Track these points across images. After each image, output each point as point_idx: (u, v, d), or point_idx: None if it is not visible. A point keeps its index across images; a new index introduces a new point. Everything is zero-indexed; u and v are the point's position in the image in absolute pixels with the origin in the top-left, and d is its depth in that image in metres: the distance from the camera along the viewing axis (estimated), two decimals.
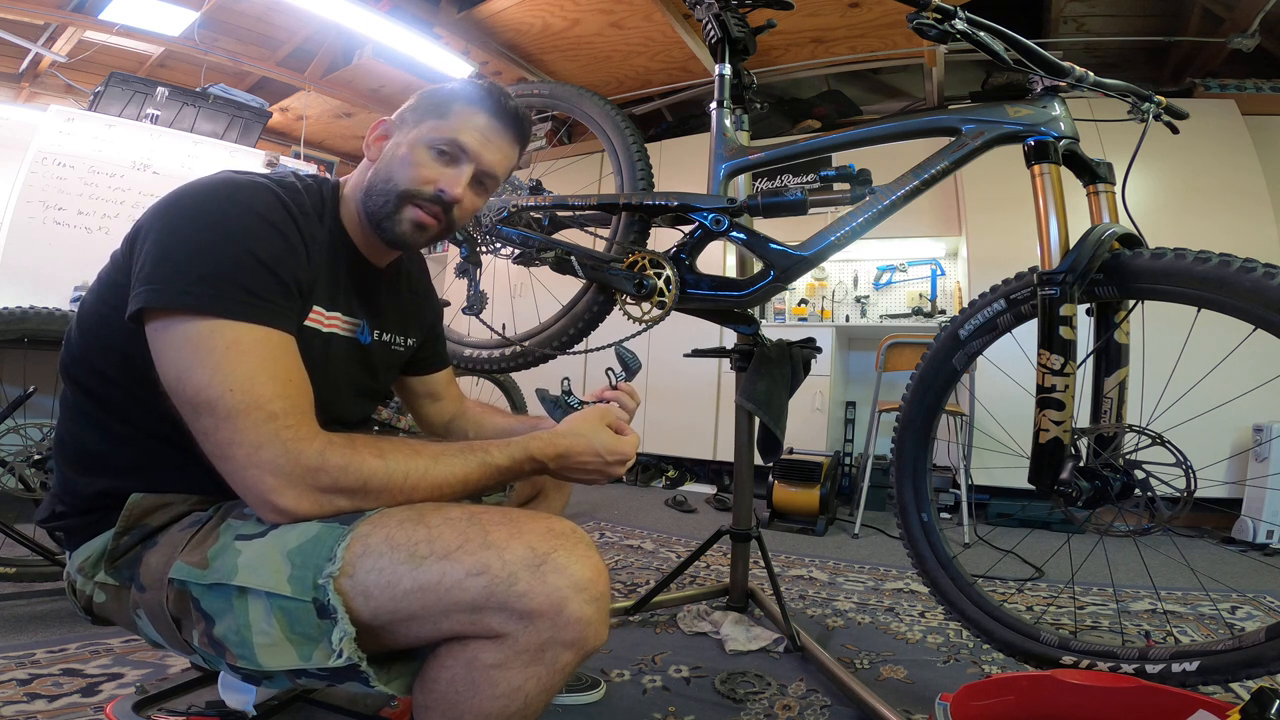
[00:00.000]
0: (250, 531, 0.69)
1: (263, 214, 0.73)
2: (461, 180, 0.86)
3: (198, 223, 0.70)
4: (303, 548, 0.66)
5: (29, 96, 4.18)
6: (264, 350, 0.68)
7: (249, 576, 0.65)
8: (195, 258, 0.68)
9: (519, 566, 0.64)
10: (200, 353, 0.65)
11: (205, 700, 0.98)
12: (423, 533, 0.66)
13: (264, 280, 0.70)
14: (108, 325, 0.74)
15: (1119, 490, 1.02)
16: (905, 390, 1.34)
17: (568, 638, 0.64)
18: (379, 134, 0.89)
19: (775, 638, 1.53)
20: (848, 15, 3.30)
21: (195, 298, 0.66)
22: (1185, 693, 0.92)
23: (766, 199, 1.26)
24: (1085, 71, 1.10)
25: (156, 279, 0.67)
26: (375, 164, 0.87)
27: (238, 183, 0.75)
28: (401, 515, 0.68)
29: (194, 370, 0.65)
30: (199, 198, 0.72)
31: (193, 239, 0.69)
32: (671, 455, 4.05)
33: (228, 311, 0.67)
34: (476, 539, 0.65)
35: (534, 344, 1.49)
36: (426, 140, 0.85)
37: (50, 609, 1.55)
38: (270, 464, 0.65)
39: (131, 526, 0.73)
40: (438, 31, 3.54)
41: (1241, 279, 0.89)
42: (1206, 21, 3.25)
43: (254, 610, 0.65)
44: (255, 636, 0.65)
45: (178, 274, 0.67)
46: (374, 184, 0.86)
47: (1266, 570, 2.30)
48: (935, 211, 3.62)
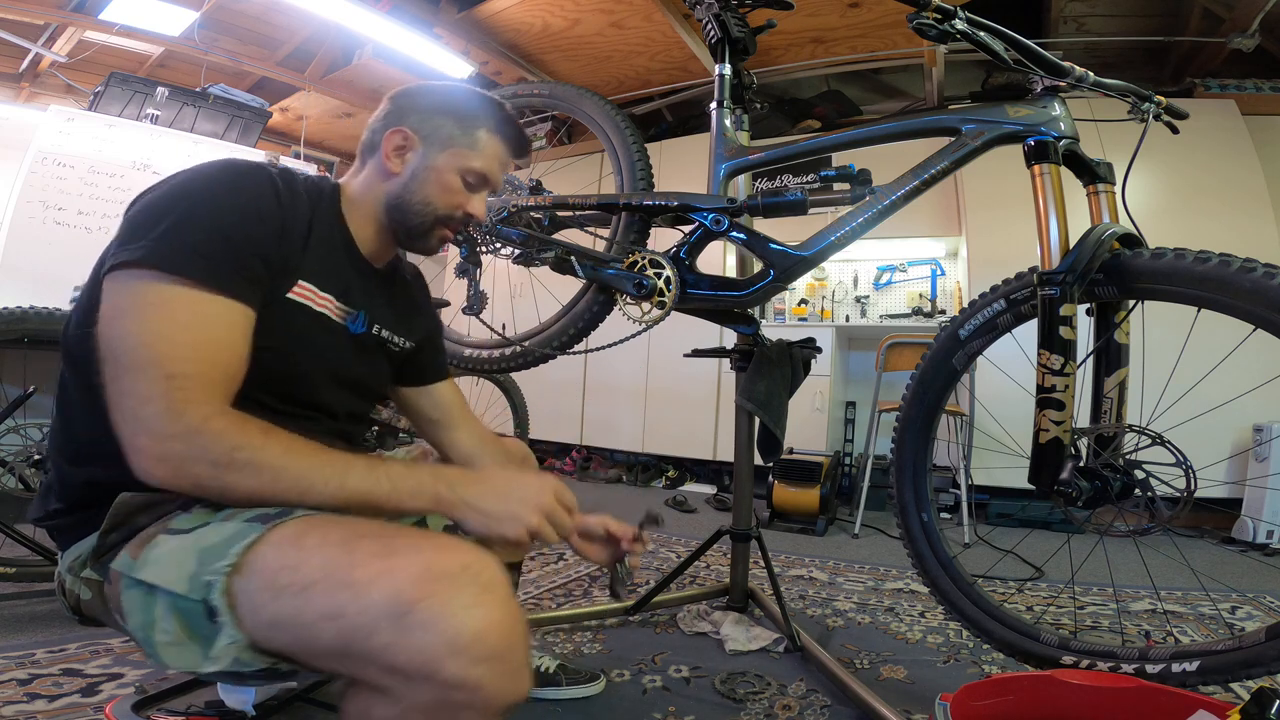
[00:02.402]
0: (181, 526, 0.67)
1: (242, 187, 0.74)
2: (483, 203, 0.94)
3: (173, 193, 0.71)
4: (213, 545, 0.63)
5: (29, 96, 4.17)
6: (194, 314, 0.66)
7: (154, 572, 0.64)
8: (158, 220, 0.68)
9: (379, 616, 0.55)
10: (131, 303, 0.65)
11: (205, 700, 0.98)
12: (291, 557, 0.60)
13: (219, 246, 0.69)
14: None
15: (1119, 490, 1.02)
16: (905, 390, 1.34)
17: (460, 701, 0.55)
18: (398, 144, 0.88)
19: (775, 638, 1.53)
20: (848, 15, 3.30)
21: (144, 251, 0.66)
22: (1185, 693, 0.92)
23: (766, 199, 1.26)
24: (1085, 71, 1.10)
25: (120, 240, 0.69)
26: (400, 178, 0.89)
27: (231, 161, 0.76)
28: (288, 531, 0.63)
29: (119, 319, 0.65)
30: (188, 173, 0.73)
31: (163, 206, 0.70)
32: (671, 455, 4.05)
33: (172, 268, 0.66)
34: (339, 574, 0.57)
35: (534, 344, 1.49)
36: (458, 168, 0.89)
37: (50, 609, 1.55)
38: (149, 420, 0.63)
39: (118, 524, 0.72)
40: (438, 31, 3.54)
41: (1241, 279, 0.89)
42: (1206, 21, 3.25)
43: (159, 607, 0.63)
44: (157, 635, 0.63)
45: (137, 234, 0.68)
46: (406, 202, 0.89)
47: (1266, 570, 2.30)
48: (935, 211, 3.62)
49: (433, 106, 0.90)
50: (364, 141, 0.92)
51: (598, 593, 1.94)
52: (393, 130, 0.88)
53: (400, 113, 0.90)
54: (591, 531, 0.93)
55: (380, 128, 0.90)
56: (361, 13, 3.21)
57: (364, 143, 0.92)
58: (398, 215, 0.89)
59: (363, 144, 0.93)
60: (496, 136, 0.92)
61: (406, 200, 0.89)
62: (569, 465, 4.29)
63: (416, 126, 0.88)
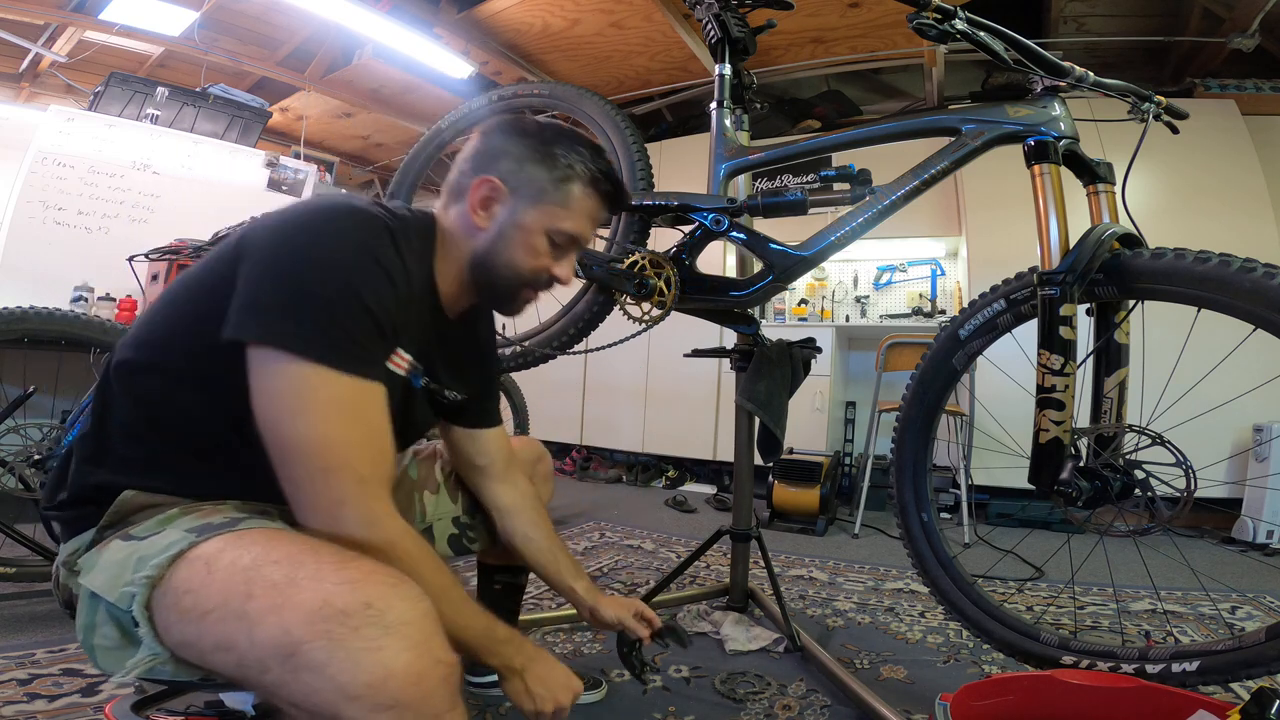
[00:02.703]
0: (137, 533, 0.67)
1: (374, 252, 0.71)
2: (572, 266, 0.89)
3: (310, 255, 0.68)
4: (145, 555, 0.62)
5: (29, 96, 4.17)
6: (362, 407, 0.69)
7: (91, 577, 0.64)
8: (306, 296, 0.66)
9: (267, 653, 0.52)
10: (304, 401, 0.65)
11: (204, 700, 0.98)
12: (199, 578, 0.58)
13: (367, 328, 0.70)
14: (192, 331, 0.72)
15: (1119, 490, 1.02)
16: (905, 390, 1.34)
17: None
18: (486, 195, 0.83)
19: (775, 638, 1.53)
20: (848, 15, 3.30)
21: (303, 341, 0.65)
22: (1185, 693, 0.92)
23: (766, 199, 1.26)
24: (1085, 71, 1.10)
25: (264, 310, 0.66)
26: (485, 234, 0.84)
27: (353, 212, 0.73)
28: (206, 550, 0.61)
29: (296, 419, 0.65)
30: (314, 226, 0.70)
31: (304, 273, 0.67)
32: (671, 455, 4.05)
33: (333, 361, 0.66)
34: (235, 602, 0.55)
35: (534, 344, 1.49)
36: (548, 228, 0.84)
37: (50, 609, 1.55)
38: (350, 523, 0.65)
39: (115, 521, 0.71)
40: (438, 31, 3.54)
41: (1241, 279, 0.89)
42: (1206, 21, 3.25)
43: (101, 611, 0.63)
44: (97, 639, 0.63)
45: (287, 311, 0.66)
46: (492, 261, 0.85)
47: (1266, 570, 2.30)
48: (935, 211, 3.62)
49: (525, 152, 0.84)
50: (453, 181, 0.87)
51: None
52: (481, 179, 0.83)
53: (490, 156, 0.84)
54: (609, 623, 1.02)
55: (469, 170, 0.85)
56: (361, 13, 3.21)
57: (453, 182, 0.87)
58: (482, 275, 0.85)
59: (451, 183, 0.87)
60: (591, 190, 0.86)
61: (491, 261, 0.84)
62: (569, 465, 4.29)
63: (506, 175, 0.83)
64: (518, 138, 0.85)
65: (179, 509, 0.71)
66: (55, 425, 1.66)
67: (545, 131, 0.86)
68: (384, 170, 5.72)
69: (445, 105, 4.08)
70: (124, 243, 2.54)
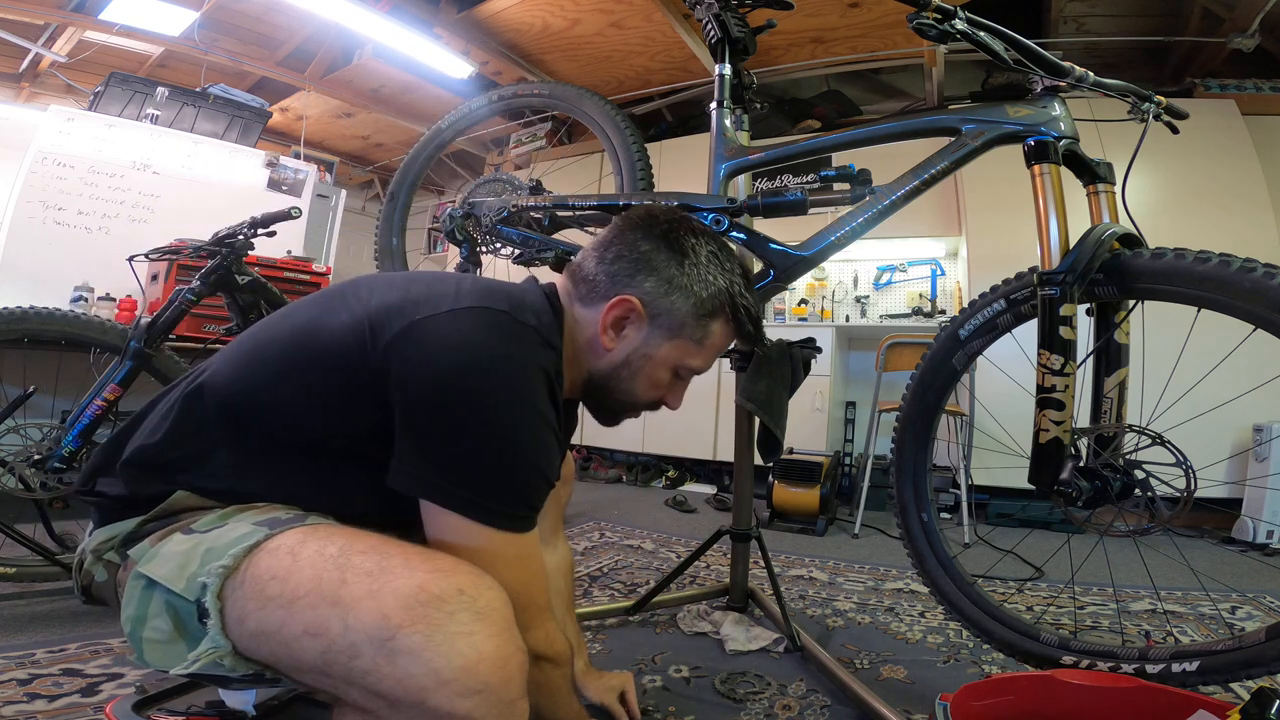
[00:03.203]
0: (199, 527, 0.66)
1: (543, 417, 0.70)
2: (683, 393, 0.87)
3: (485, 421, 0.66)
4: (216, 547, 0.62)
5: (29, 96, 4.18)
6: (533, 555, 0.72)
7: (156, 567, 0.63)
8: (488, 468, 0.67)
9: (362, 637, 0.53)
10: (493, 562, 0.65)
11: (205, 700, 0.98)
12: (284, 565, 0.58)
13: (542, 494, 0.72)
14: (323, 424, 0.71)
15: (1119, 490, 1.02)
16: (905, 390, 1.34)
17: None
18: (622, 315, 0.78)
19: (775, 638, 1.53)
20: (848, 15, 3.30)
21: (490, 515, 0.67)
22: (1185, 693, 0.92)
23: (767, 199, 1.25)
24: (1085, 71, 1.10)
25: (447, 477, 0.66)
26: (611, 356, 0.80)
27: (516, 365, 0.69)
28: (288, 540, 0.62)
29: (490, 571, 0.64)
30: (481, 381, 0.66)
31: (482, 443, 0.66)
32: (671, 455, 4.05)
33: (517, 527, 0.69)
34: (328, 589, 0.55)
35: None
36: (675, 362, 0.81)
37: (50, 609, 1.55)
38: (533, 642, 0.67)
39: (161, 516, 0.70)
40: (438, 31, 3.55)
41: (1242, 279, 0.89)
42: (1206, 21, 3.25)
43: (155, 603, 0.62)
44: (147, 631, 0.62)
45: (473, 484, 0.66)
46: (612, 386, 0.82)
47: (1266, 570, 2.30)
48: (935, 211, 3.62)
49: (675, 273, 0.78)
50: (585, 276, 0.81)
51: (597, 592, 1.94)
52: (620, 299, 0.77)
53: (636, 268, 0.78)
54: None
55: (607, 277, 0.79)
56: (361, 13, 3.22)
57: (586, 278, 0.81)
58: (596, 393, 0.84)
59: (584, 278, 0.81)
60: (730, 327, 0.82)
61: (610, 386, 0.82)
62: None
63: (648, 298, 0.77)
64: (668, 252, 0.78)
65: (234, 506, 0.70)
66: (55, 425, 1.66)
67: (700, 246, 0.79)
68: (384, 170, 5.72)
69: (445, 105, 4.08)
70: (124, 243, 2.53)
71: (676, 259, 0.78)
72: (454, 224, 1.48)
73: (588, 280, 0.80)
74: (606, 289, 0.78)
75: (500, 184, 1.56)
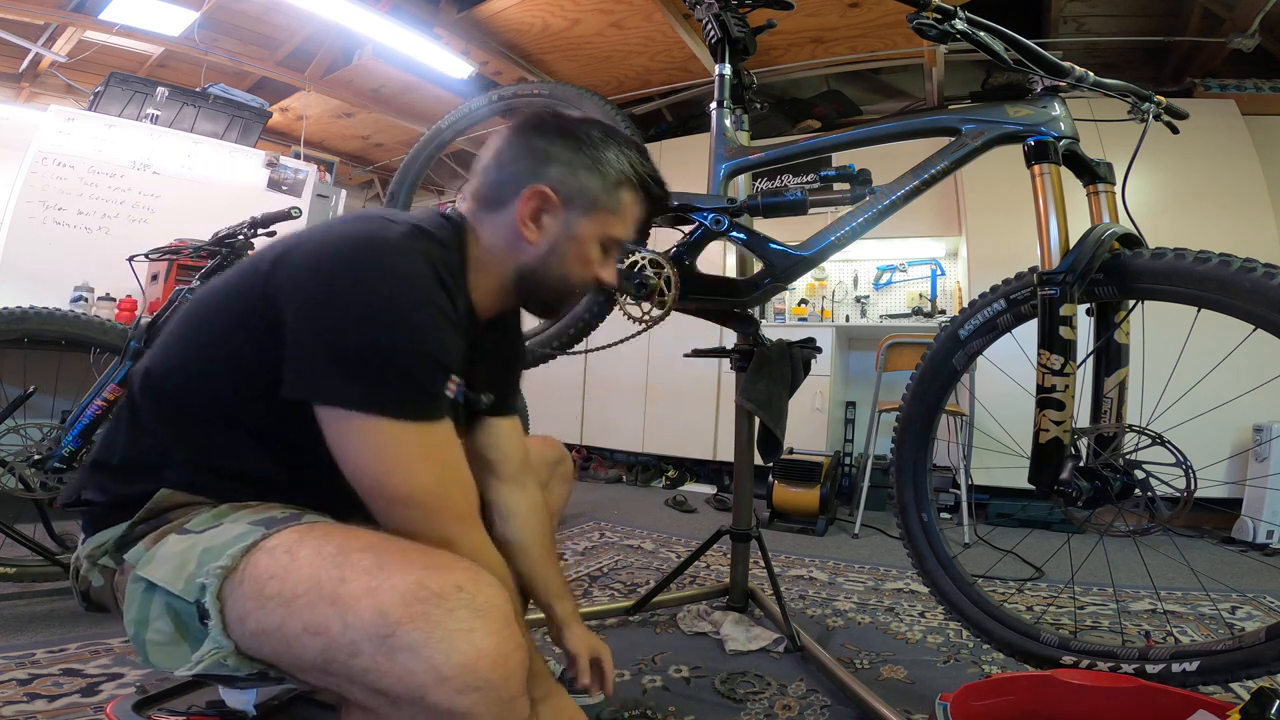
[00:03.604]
0: (194, 527, 0.67)
1: (431, 295, 0.69)
2: (615, 267, 0.89)
3: (369, 305, 0.66)
4: (213, 547, 0.62)
5: (29, 96, 4.17)
6: (444, 449, 0.71)
7: (155, 569, 0.63)
8: (374, 354, 0.65)
9: (361, 635, 0.53)
10: (397, 459, 0.66)
11: (205, 700, 0.98)
12: (282, 564, 0.59)
13: (437, 374, 0.70)
14: (230, 370, 0.71)
15: (1119, 490, 1.02)
16: (905, 390, 1.34)
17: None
18: (537, 205, 0.80)
19: (775, 638, 1.53)
20: (848, 15, 3.30)
21: (380, 402, 0.65)
22: (1185, 693, 0.93)
23: (767, 199, 1.26)
24: (1085, 71, 1.10)
25: (332, 371, 0.65)
26: (536, 248, 0.81)
27: (399, 248, 0.69)
28: (285, 538, 0.62)
29: (390, 475, 0.66)
30: (362, 265, 0.67)
31: (366, 329, 0.65)
32: (671, 455, 4.05)
33: (413, 414, 0.67)
34: (327, 586, 0.56)
35: (534, 344, 1.49)
36: (599, 236, 0.83)
37: (50, 609, 1.55)
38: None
39: (149, 518, 0.71)
40: (438, 31, 3.54)
41: (1242, 279, 0.89)
42: (1206, 21, 3.25)
43: (155, 606, 0.63)
44: (149, 634, 0.63)
45: (357, 372, 0.64)
46: (542, 276, 0.83)
47: (1266, 570, 2.30)
48: (935, 211, 3.62)
49: (574, 156, 0.80)
50: (488, 184, 0.82)
51: (597, 592, 1.94)
52: (532, 190, 0.79)
53: (535, 161, 0.80)
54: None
55: (512, 178, 0.80)
56: (361, 13, 3.21)
57: (488, 186, 0.82)
58: (528, 288, 0.84)
59: (486, 187, 0.82)
60: (640, 194, 0.85)
61: (543, 275, 0.82)
62: None
63: (559, 184, 0.80)
64: (562, 140, 0.81)
65: (228, 505, 0.71)
66: (55, 425, 1.66)
67: (591, 132, 0.82)
68: (384, 170, 5.72)
69: (445, 105, 4.08)
70: (124, 243, 2.53)
71: (572, 144, 0.81)
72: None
73: (491, 188, 0.82)
74: (515, 188, 0.80)
75: None
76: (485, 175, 0.83)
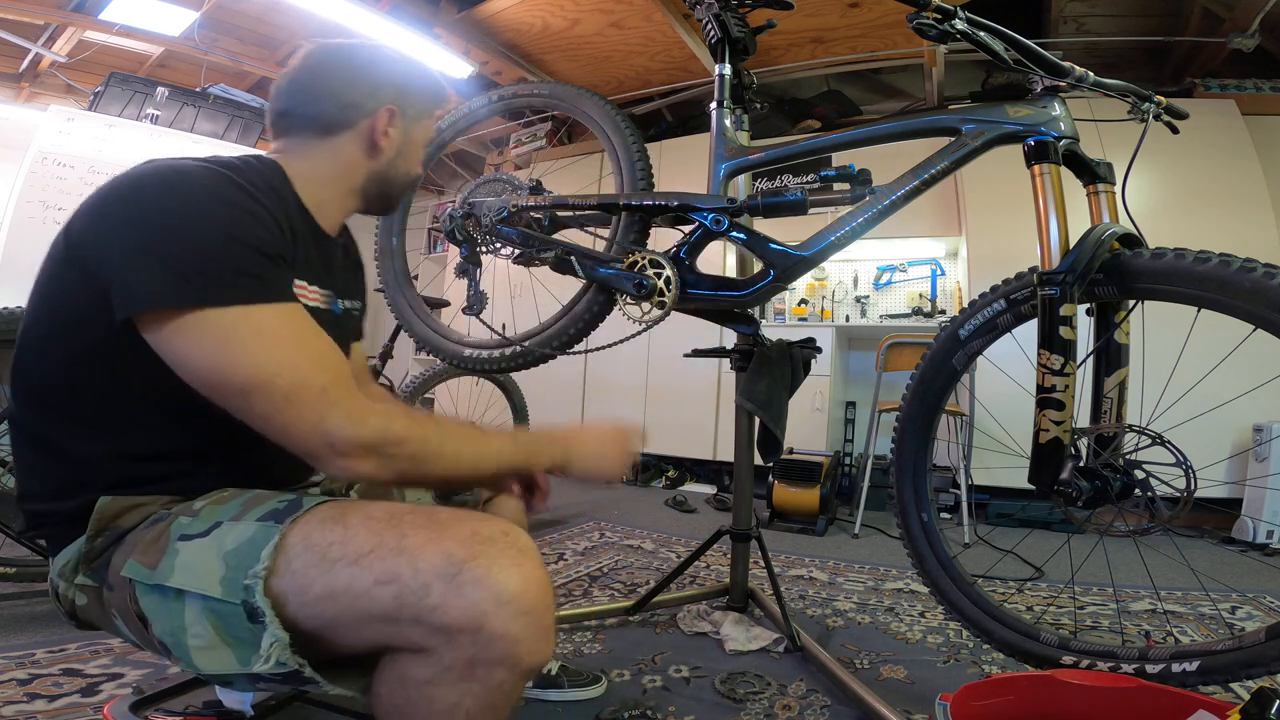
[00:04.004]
0: (192, 531, 0.68)
1: (224, 197, 0.71)
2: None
3: (166, 215, 0.67)
4: (239, 549, 0.65)
5: (29, 96, 4.17)
6: (288, 327, 0.70)
7: (184, 578, 0.64)
8: (183, 251, 0.66)
9: (432, 576, 0.59)
10: (232, 345, 0.66)
11: (203, 700, 0.98)
12: (338, 533, 0.64)
13: (255, 259, 0.69)
14: (75, 336, 0.71)
15: (1119, 490, 1.02)
16: (905, 390, 1.34)
17: (495, 655, 0.59)
18: (387, 121, 0.89)
19: (775, 638, 1.53)
20: (848, 15, 3.30)
21: (201, 291, 0.65)
22: (1185, 693, 0.92)
23: (767, 199, 1.25)
24: (1085, 71, 1.10)
25: (149, 279, 0.65)
26: (386, 155, 0.91)
27: (183, 170, 0.71)
28: (324, 514, 0.66)
29: (233, 363, 0.66)
30: (152, 190, 0.69)
31: (168, 232, 0.66)
32: (671, 455, 4.04)
33: (239, 298, 0.67)
34: (390, 543, 0.62)
35: (534, 344, 1.49)
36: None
37: (50, 609, 1.54)
38: (341, 432, 0.67)
39: (104, 529, 0.72)
40: (438, 31, 3.54)
41: (1242, 279, 0.89)
42: (1206, 21, 3.25)
43: (189, 612, 0.64)
44: (190, 639, 0.64)
45: (171, 270, 0.65)
46: (392, 176, 0.93)
47: (1266, 570, 2.30)
48: (935, 212, 3.62)
49: (402, 82, 0.92)
50: (320, 114, 0.87)
51: (597, 592, 1.94)
52: (385, 109, 0.89)
53: (375, 88, 0.89)
54: None
55: (349, 103, 0.87)
56: (361, 13, 3.22)
57: (321, 115, 0.87)
58: (378, 189, 0.93)
59: (312, 119, 0.87)
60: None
61: (393, 175, 0.93)
62: None
63: (397, 100, 0.90)
64: (386, 65, 0.91)
65: (206, 503, 0.71)
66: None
67: (390, 54, 0.93)
68: None
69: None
70: None
71: (393, 65, 0.92)
72: (454, 224, 1.48)
73: (321, 119, 0.87)
74: (355, 113, 0.88)
75: (500, 184, 1.55)
76: (305, 109, 0.88)
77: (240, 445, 0.75)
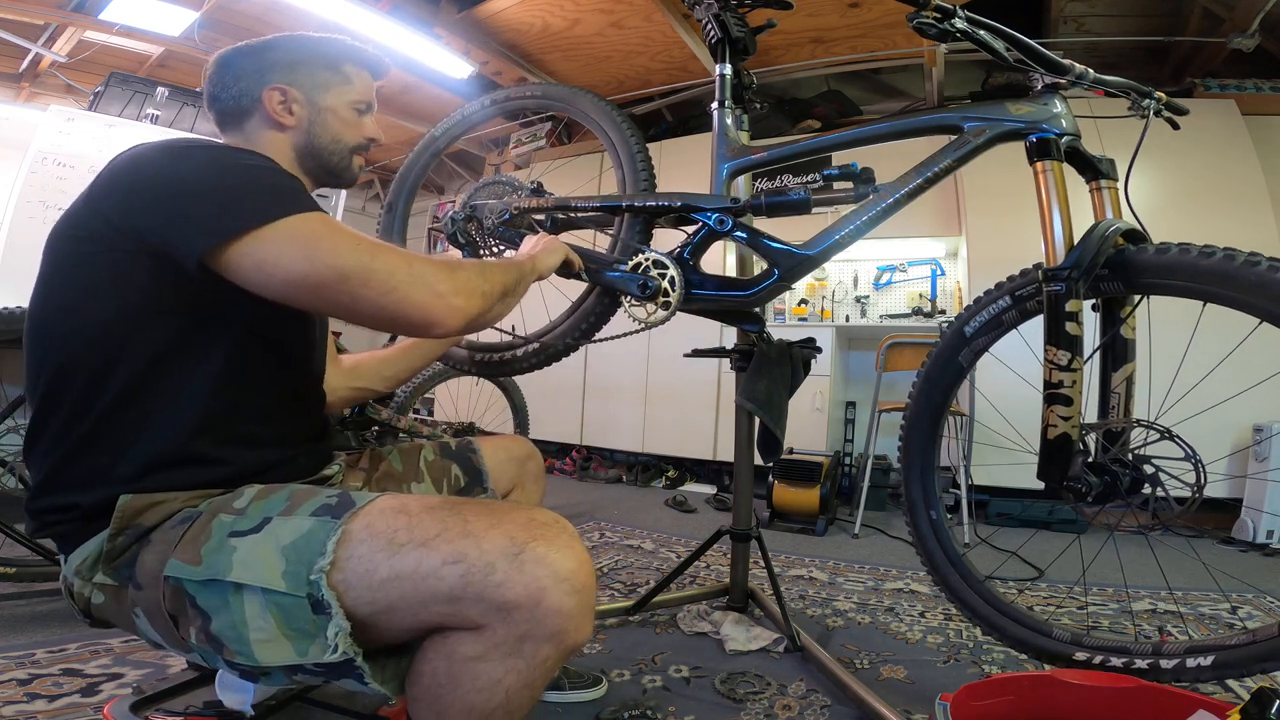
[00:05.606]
0: (243, 528, 0.70)
1: (239, 152, 0.81)
2: (375, 123, 1.04)
3: (207, 167, 0.75)
4: (296, 544, 0.68)
5: (29, 96, 4.17)
6: (340, 224, 0.77)
7: (244, 572, 0.66)
8: (245, 186, 0.74)
9: (497, 556, 0.64)
10: (305, 243, 0.71)
11: (203, 700, 0.97)
12: (403, 520, 0.68)
13: (296, 182, 0.80)
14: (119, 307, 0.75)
15: (1128, 485, 1.01)
16: (911, 388, 1.33)
17: (547, 631, 0.64)
18: (278, 100, 0.93)
19: (775, 638, 1.53)
20: (848, 15, 3.30)
21: (276, 206, 0.72)
22: (1185, 692, 0.92)
23: (770, 198, 1.25)
24: (1085, 69, 1.10)
25: (222, 213, 0.71)
26: (298, 129, 0.95)
27: (193, 139, 0.81)
28: (386, 504, 0.70)
29: (312, 257, 0.71)
30: (181, 154, 0.77)
31: (204, 181, 0.74)
32: (671, 455, 4.04)
33: (308, 205, 0.74)
34: (456, 527, 0.67)
35: (550, 339, 1.48)
36: (349, 103, 0.99)
37: (50, 609, 1.54)
38: (442, 286, 0.77)
39: (125, 527, 0.73)
40: (438, 31, 3.54)
41: (1247, 273, 0.89)
42: (1206, 21, 3.26)
43: (250, 606, 0.66)
44: (251, 632, 0.66)
45: (243, 201, 0.72)
46: (318, 145, 0.97)
47: (1267, 570, 2.29)
48: (935, 211, 3.62)
49: (290, 60, 0.95)
50: (226, 107, 0.94)
51: (598, 592, 1.93)
52: (269, 89, 0.93)
53: (260, 73, 0.93)
54: None
55: (240, 93, 0.93)
56: (361, 13, 3.21)
57: (228, 107, 0.94)
58: (314, 159, 0.97)
59: (224, 114, 0.95)
60: (359, 66, 1.01)
61: (317, 144, 0.96)
62: (569, 465, 4.29)
63: (288, 81, 0.94)
64: (270, 53, 0.95)
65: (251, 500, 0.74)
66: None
67: (283, 41, 0.97)
68: (383, 170, 5.72)
69: (445, 105, 4.08)
70: None
71: (279, 51, 0.96)
72: (456, 227, 1.47)
73: (229, 110, 0.95)
74: (247, 99, 0.93)
75: (501, 186, 1.55)
76: (219, 105, 0.95)
77: (261, 441, 0.84)
